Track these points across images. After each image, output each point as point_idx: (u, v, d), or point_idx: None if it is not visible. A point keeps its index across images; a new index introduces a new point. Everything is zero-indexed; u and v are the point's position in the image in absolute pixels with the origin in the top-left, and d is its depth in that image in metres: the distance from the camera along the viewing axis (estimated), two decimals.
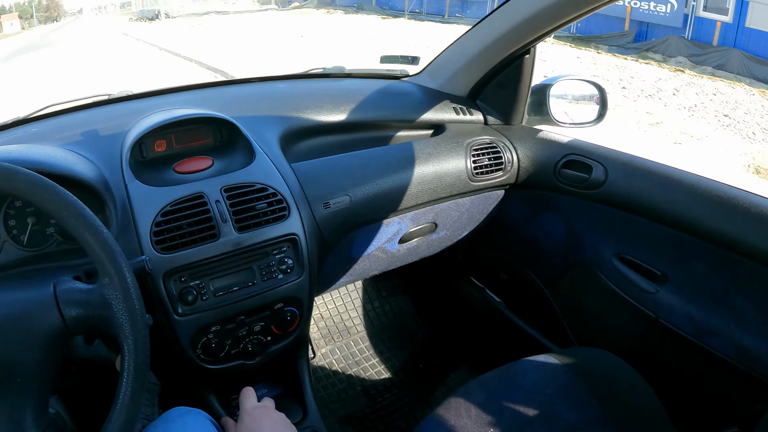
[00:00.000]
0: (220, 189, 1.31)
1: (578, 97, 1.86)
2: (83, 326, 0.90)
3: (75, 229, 0.88)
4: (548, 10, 1.46)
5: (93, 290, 0.90)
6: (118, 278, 0.88)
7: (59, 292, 0.90)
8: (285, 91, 1.87)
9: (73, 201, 0.89)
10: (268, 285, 1.32)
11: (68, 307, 0.89)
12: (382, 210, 1.57)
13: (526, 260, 1.95)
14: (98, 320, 0.89)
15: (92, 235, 0.88)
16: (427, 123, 1.81)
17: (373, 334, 2.51)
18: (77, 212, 0.88)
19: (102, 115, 1.66)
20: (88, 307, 0.89)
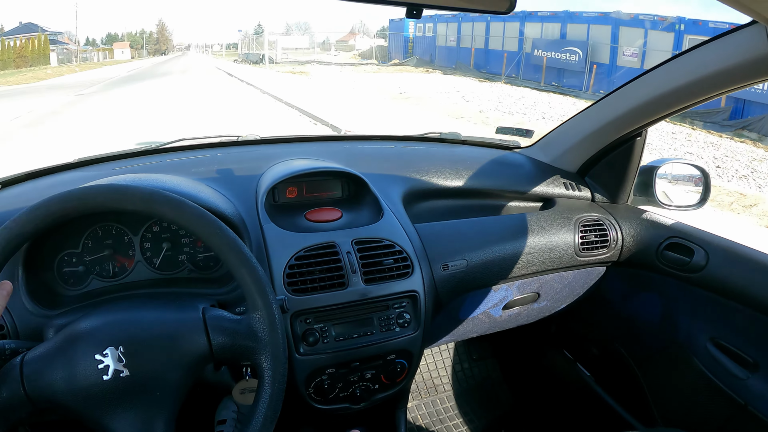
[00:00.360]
0: (351, 241, 1.41)
1: (683, 179, 1.90)
2: (226, 353, 0.98)
3: (233, 263, 0.97)
4: (665, 97, 1.52)
5: (241, 321, 0.99)
6: (266, 314, 0.97)
7: (208, 318, 0.99)
8: (406, 153, 1.99)
9: (234, 238, 0.98)
10: (385, 336, 1.40)
11: (216, 333, 0.97)
12: (493, 276, 1.65)
13: (619, 337, 1.98)
14: (242, 350, 0.98)
15: (249, 272, 0.97)
16: (537, 196, 1.89)
17: (459, 394, 2.56)
18: (237, 249, 0.97)
19: (234, 155, 1.81)
20: (236, 337, 0.97)
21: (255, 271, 0.97)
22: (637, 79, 1.61)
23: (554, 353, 2.31)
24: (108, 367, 0.91)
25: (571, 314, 2.03)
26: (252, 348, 0.97)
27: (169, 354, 0.95)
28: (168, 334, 0.96)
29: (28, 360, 0.93)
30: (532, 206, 1.92)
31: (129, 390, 0.91)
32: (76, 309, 1.20)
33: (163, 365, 0.94)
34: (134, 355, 0.92)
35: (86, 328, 0.97)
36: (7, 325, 1.19)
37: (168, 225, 1.40)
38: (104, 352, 0.91)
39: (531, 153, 2.08)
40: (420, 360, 1.52)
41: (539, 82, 21.02)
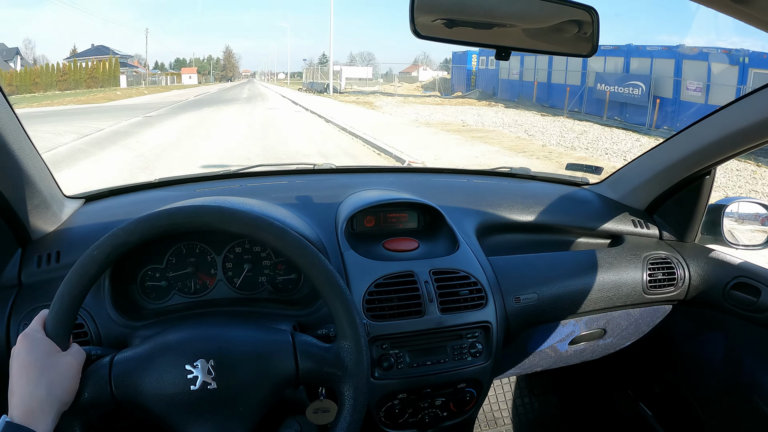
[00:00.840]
0: (429, 271, 1.47)
1: (749, 218, 1.91)
2: (312, 378, 1.02)
3: (327, 293, 1.02)
4: (735, 135, 1.52)
5: (330, 349, 1.03)
6: (355, 345, 1.01)
7: (298, 343, 1.04)
8: (478, 186, 2.07)
9: (331, 270, 1.03)
10: (457, 365, 1.44)
11: (304, 358, 1.02)
12: (562, 311, 1.68)
13: (683, 376, 1.99)
14: (327, 376, 1.01)
15: (342, 303, 1.02)
16: (606, 232, 1.93)
17: (519, 428, 2.59)
18: (333, 280, 1.02)
19: (312, 183, 1.92)
20: (323, 363, 1.01)
21: (348, 303, 1.02)
22: (707, 117, 1.62)
23: (616, 391, 2.32)
24: (197, 378, 0.95)
25: (635, 352, 2.01)
26: (337, 376, 1.01)
27: (257, 373, 0.99)
28: (258, 353, 1.01)
29: (117, 361, 0.98)
30: (601, 243, 1.97)
31: (214, 402, 0.96)
32: (160, 322, 1.25)
33: (249, 383, 0.98)
34: (223, 370, 0.97)
35: (179, 339, 1.02)
36: (91, 332, 1.25)
37: (250, 246, 1.46)
38: (195, 364, 0.96)
39: (600, 190, 2.13)
40: (488, 390, 1.57)
41: (602, 117, 21.04)
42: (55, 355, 0.93)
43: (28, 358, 0.91)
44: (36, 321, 0.98)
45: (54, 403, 0.89)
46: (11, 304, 1.29)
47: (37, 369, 0.90)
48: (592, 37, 1.11)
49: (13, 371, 0.91)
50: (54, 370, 0.91)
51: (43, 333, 0.95)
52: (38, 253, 1.39)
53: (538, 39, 1.11)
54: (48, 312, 0.97)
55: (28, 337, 0.94)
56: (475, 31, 1.07)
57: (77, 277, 0.96)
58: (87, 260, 0.97)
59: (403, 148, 11.88)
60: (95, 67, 68.47)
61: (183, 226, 1.01)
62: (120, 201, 1.73)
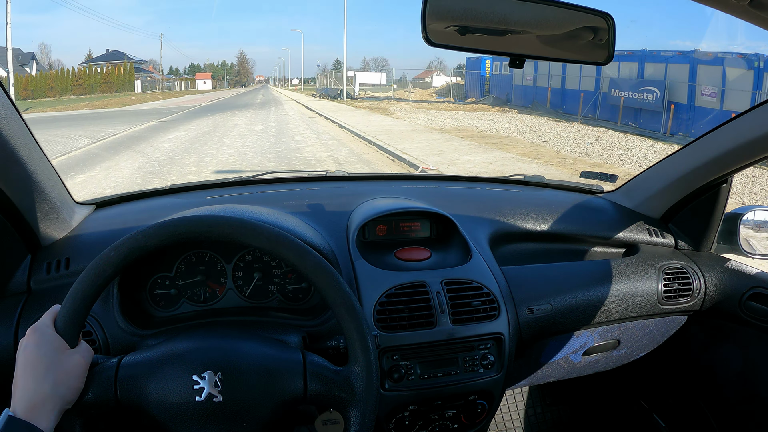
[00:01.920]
0: (441, 281, 1.45)
1: (766, 227, 1.91)
2: (319, 400, 1.01)
3: (343, 315, 1.01)
4: (753, 143, 1.51)
5: (340, 372, 1.02)
6: (366, 371, 1.01)
7: (309, 364, 1.03)
8: (492, 195, 2.08)
9: (349, 293, 1.02)
10: (468, 377, 1.42)
11: (314, 380, 1.01)
12: (576, 322, 1.67)
13: (698, 388, 1.98)
14: (335, 399, 1.01)
15: (357, 328, 1.01)
16: (620, 242, 1.93)
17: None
18: (350, 304, 1.02)
19: (324, 191, 1.91)
20: (332, 386, 1.01)
21: (363, 328, 1.01)
22: (724, 125, 1.60)
23: (630, 402, 2.31)
24: (203, 389, 0.95)
25: (649, 363, 2.00)
26: (345, 399, 1.00)
27: (265, 389, 0.99)
28: (267, 369, 1.00)
29: (125, 364, 0.98)
30: (615, 252, 1.97)
31: (218, 415, 0.96)
32: (168, 331, 1.26)
33: (256, 398, 0.98)
34: (231, 383, 0.96)
35: (188, 348, 1.02)
36: (99, 339, 1.26)
37: (260, 255, 1.46)
38: (202, 375, 0.96)
39: (615, 198, 2.11)
40: (500, 402, 1.56)
41: (616, 122, 20.86)
42: (63, 352, 0.93)
43: (36, 353, 0.92)
44: (47, 316, 0.98)
45: (58, 400, 0.90)
46: (20, 310, 1.30)
47: (43, 365, 0.90)
48: (608, 44, 1.10)
49: (19, 364, 0.92)
50: (61, 368, 0.91)
51: (53, 329, 0.95)
52: (48, 259, 1.40)
53: (553, 46, 1.10)
54: (60, 308, 0.97)
55: (37, 331, 0.95)
56: (488, 38, 1.06)
57: (93, 276, 0.96)
58: (103, 261, 0.97)
59: (417, 155, 11.93)
60: (110, 72, 69.23)
61: (203, 235, 1.02)
62: (131, 207, 1.74)
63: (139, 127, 18.88)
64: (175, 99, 50.54)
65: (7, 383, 0.93)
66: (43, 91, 58.78)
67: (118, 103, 38.11)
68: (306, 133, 16.92)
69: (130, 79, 71.24)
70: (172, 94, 64.86)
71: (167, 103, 42.43)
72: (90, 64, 70.18)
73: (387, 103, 32.31)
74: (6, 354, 1.26)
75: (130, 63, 73.82)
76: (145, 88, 72.49)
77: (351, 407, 1.00)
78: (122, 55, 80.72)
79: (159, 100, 48.26)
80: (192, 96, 60.29)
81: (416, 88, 44.19)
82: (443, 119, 21.65)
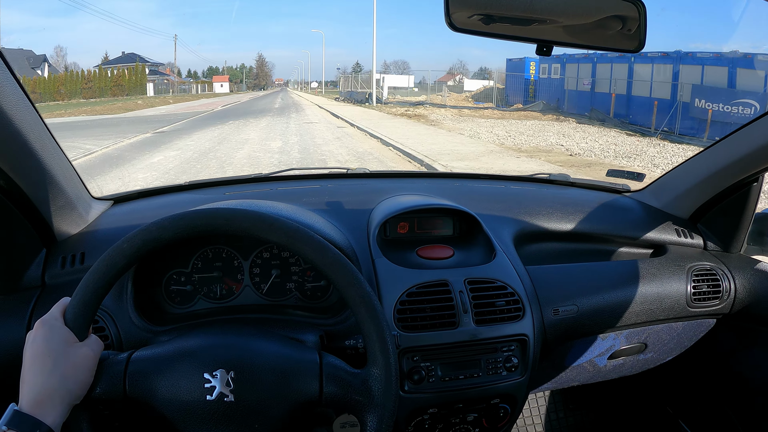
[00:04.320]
0: (464, 280, 1.45)
1: None
2: (335, 403, 1.00)
3: (362, 315, 1.00)
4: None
5: (358, 375, 1.01)
6: (385, 374, 0.99)
7: (325, 365, 1.02)
8: (516, 193, 2.08)
9: (369, 292, 1.02)
10: (491, 379, 1.41)
11: (330, 382, 1.00)
12: (602, 324, 1.67)
13: (726, 394, 1.97)
14: (352, 403, 1.00)
15: (377, 329, 1.00)
16: (648, 242, 1.92)
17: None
18: (370, 303, 1.01)
19: (344, 187, 1.96)
20: (349, 389, 0.99)
21: (383, 329, 1.01)
22: (755, 121, 1.58)
23: (655, 408, 2.29)
24: (214, 388, 0.95)
25: (676, 367, 1.98)
26: (362, 403, 0.99)
27: (278, 390, 0.98)
28: (282, 370, 1.00)
29: (135, 359, 0.99)
30: (642, 252, 1.96)
31: (229, 415, 0.95)
32: (182, 328, 1.27)
33: (269, 399, 0.97)
34: (243, 383, 0.96)
35: (200, 345, 1.02)
36: (112, 335, 1.28)
37: (278, 252, 1.48)
38: (214, 373, 0.96)
39: (642, 197, 2.11)
40: (523, 406, 1.58)
41: (702, 138, 17.78)
42: (72, 345, 0.94)
43: (44, 346, 0.92)
44: (56, 308, 0.99)
45: (66, 395, 0.90)
46: (33, 304, 1.33)
47: (51, 359, 0.91)
48: (639, 32, 1.08)
49: (27, 358, 0.92)
50: (69, 362, 0.92)
51: (62, 321, 0.96)
52: (63, 254, 1.42)
53: (581, 33, 1.08)
54: (69, 300, 0.98)
55: (46, 323, 0.95)
56: (513, 26, 1.05)
57: (104, 267, 0.97)
58: (116, 252, 0.98)
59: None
60: (121, 75, 66.10)
61: (219, 229, 1.01)
62: (148, 203, 1.78)
63: (126, 142, 15.99)
64: (186, 103, 48.49)
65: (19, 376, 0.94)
66: (52, 94, 58.89)
67: (121, 109, 35.91)
68: (341, 154, 13.38)
69: (142, 83, 70.87)
70: (185, 98, 64.29)
71: (176, 108, 40.30)
72: (101, 67, 67.61)
73: (423, 110, 29.56)
74: (19, 347, 1.18)
75: (143, 65, 72.98)
76: (158, 91, 71.10)
77: (368, 412, 0.98)
78: (138, 57, 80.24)
79: (169, 104, 47.07)
80: (206, 100, 59.06)
81: (450, 92, 39.67)
82: (505, 133, 18.37)
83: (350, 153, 13.47)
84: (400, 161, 12.49)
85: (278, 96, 66.85)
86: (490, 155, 12.93)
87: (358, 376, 1.00)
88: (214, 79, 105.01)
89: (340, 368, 1.01)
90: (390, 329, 1.03)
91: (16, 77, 1.13)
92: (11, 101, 1.12)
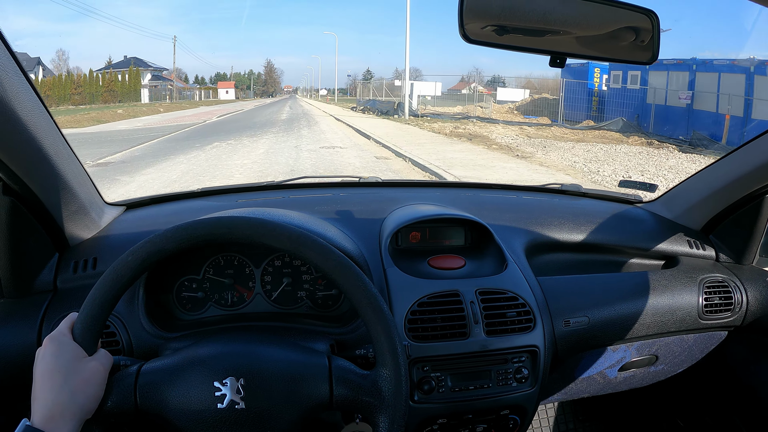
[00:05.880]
0: (475, 291, 1.49)
1: None
2: (346, 406, 1.04)
3: (370, 318, 1.03)
4: None
5: (367, 377, 1.04)
6: (395, 375, 1.02)
7: (334, 368, 1.05)
8: (528, 203, 2.14)
9: (375, 294, 1.04)
10: (501, 390, 1.46)
11: (340, 385, 1.03)
12: (613, 336, 1.72)
13: (737, 408, 2.01)
14: (363, 405, 1.03)
15: (384, 329, 1.02)
16: (660, 253, 1.98)
17: None
18: (377, 305, 1.03)
19: (357, 196, 2.00)
20: (359, 391, 1.03)
21: (391, 329, 1.04)
22: (767, 133, 1.66)
23: (665, 420, 2.32)
24: (225, 396, 0.98)
25: (687, 379, 2.04)
26: (373, 405, 1.03)
27: (289, 395, 1.01)
28: (291, 375, 1.03)
29: (144, 371, 1.03)
30: (654, 264, 2.03)
31: (241, 422, 0.99)
32: (193, 335, 1.32)
33: (279, 405, 1.00)
34: (254, 390, 1.00)
35: (209, 353, 1.06)
36: (123, 341, 1.34)
37: (290, 260, 1.55)
38: (224, 381, 0.99)
39: (654, 208, 2.17)
40: (533, 417, 1.62)
41: None
42: (81, 360, 0.99)
43: (53, 362, 0.96)
44: (64, 324, 1.04)
45: (77, 410, 0.94)
46: (45, 308, 1.39)
47: (61, 375, 0.95)
48: (652, 44, 1.12)
49: (37, 375, 0.97)
50: (79, 377, 0.96)
51: (70, 337, 1.01)
52: (75, 258, 1.49)
53: (595, 44, 1.13)
54: (77, 315, 1.03)
55: (54, 340, 1.00)
56: (526, 37, 1.10)
57: (110, 282, 1.01)
58: (121, 265, 1.02)
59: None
60: (113, 80, 59.69)
61: (222, 237, 1.06)
62: (161, 210, 1.83)
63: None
64: (177, 113, 44.59)
65: (31, 379, 0.99)
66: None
67: (92, 120, 30.37)
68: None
69: (136, 88, 65.68)
70: (182, 106, 60.64)
71: (162, 119, 35.32)
72: (91, 71, 62.30)
73: (473, 126, 24.20)
74: (30, 350, 1.23)
75: (137, 69, 67.50)
76: (155, 97, 65.87)
77: (379, 413, 1.02)
78: (140, 62, 77.25)
79: (159, 113, 43.02)
80: (205, 108, 55.77)
81: (490, 101, 32.82)
82: (622, 168, 13.12)
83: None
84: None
85: (286, 104, 63.05)
86: None
87: (367, 378, 1.05)
88: (218, 85, 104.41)
89: (350, 370, 1.06)
90: (398, 331, 1.10)
91: (31, 83, 1.18)
92: (27, 107, 1.16)
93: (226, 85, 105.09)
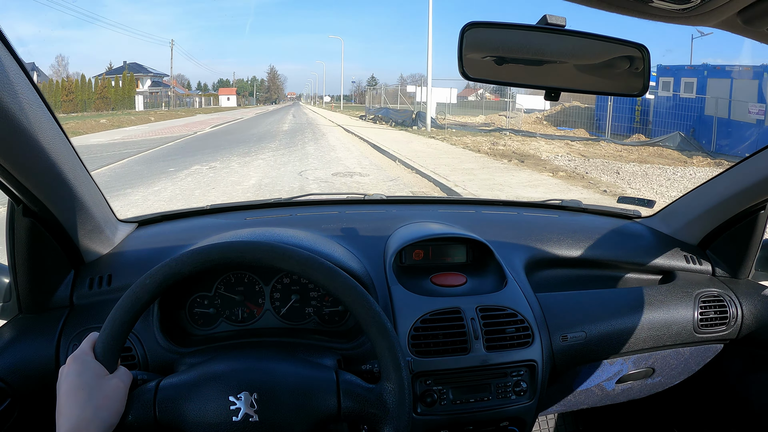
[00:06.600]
0: (476, 308, 1.55)
1: None
2: (353, 418, 1.09)
3: (374, 333, 1.08)
4: None
5: (373, 390, 1.10)
6: (398, 388, 1.07)
7: (341, 382, 1.11)
8: (528, 220, 2.23)
9: (378, 311, 1.10)
10: (500, 402, 1.52)
11: (347, 398, 1.09)
12: (610, 350, 1.79)
13: (733, 419, 2.08)
14: (368, 416, 1.08)
15: (388, 346, 1.07)
16: (657, 268, 2.06)
17: None
18: (380, 322, 1.08)
19: (362, 214, 2.05)
20: (365, 404, 1.08)
21: (394, 345, 1.10)
22: (763, 150, 1.70)
23: (663, 430, 2.40)
24: (239, 410, 1.03)
25: (684, 391, 2.11)
26: (378, 417, 1.09)
27: (300, 408, 1.06)
28: (302, 389, 1.09)
29: (163, 386, 1.08)
30: (651, 278, 2.12)
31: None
32: (206, 350, 1.39)
33: (291, 418, 1.05)
34: (267, 404, 1.05)
35: (223, 369, 1.11)
36: (138, 356, 1.41)
37: (298, 278, 1.62)
38: (238, 396, 1.04)
39: (652, 223, 2.25)
40: (532, 429, 1.69)
41: None
42: (103, 378, 1.05)
43: (77, 380, 1.02)
44: (85, 343, 1.10)
45: (100, 424, 0.99)
46: (62, 324, 1.46)
47: (85, 392, 1.01)
48: (643, 74, 1.19)
49: (62, 392, 1.03)
50: (102, 393, 1.02)
51: (92, 356, 1.07)
52: (90, 275, 1.55)
53: (590, 77, 1.19)
54: (98, 335, 1.09)
55: (77, 359, 1.05)
56: (524, 70, 1.16)
57: (129, 303, 1.07)
58: (139, 288, 1.08)
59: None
60: (106, 86, 56.49)
61: (234, 261, 1.12)
62: (172, 227, 1.89)
63: None
64: (168, 122, 42.56)
65: (49, 392, 1.06)
66: None
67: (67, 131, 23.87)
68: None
69: (131, 94, 63.35)
70: (178, 113, 59.30)
71: (150, 129, 33.47)
72: (83, 76, 61.39)
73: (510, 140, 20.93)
74: (48, 365, 1.39)
75: (131, 75, 65.93)
76: (151, 105, 62.74)
77: (384, 424, 1.09)
78: (141, 67, 76.11)
79: (149, 122, 43.06)
80: (203, 116, 54.28)
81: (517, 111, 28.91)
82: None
83: None
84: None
85: (290, 111, 61.36)
86: None
87: (373, 391, 1.11)
88: (220, 92, 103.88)
89: (356, 384, 1.13)
90: (401, 347, 1.13)
91: (52, 112, 1.22)
92: (48, 136, 1.21)
93: (227, 91, 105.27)
